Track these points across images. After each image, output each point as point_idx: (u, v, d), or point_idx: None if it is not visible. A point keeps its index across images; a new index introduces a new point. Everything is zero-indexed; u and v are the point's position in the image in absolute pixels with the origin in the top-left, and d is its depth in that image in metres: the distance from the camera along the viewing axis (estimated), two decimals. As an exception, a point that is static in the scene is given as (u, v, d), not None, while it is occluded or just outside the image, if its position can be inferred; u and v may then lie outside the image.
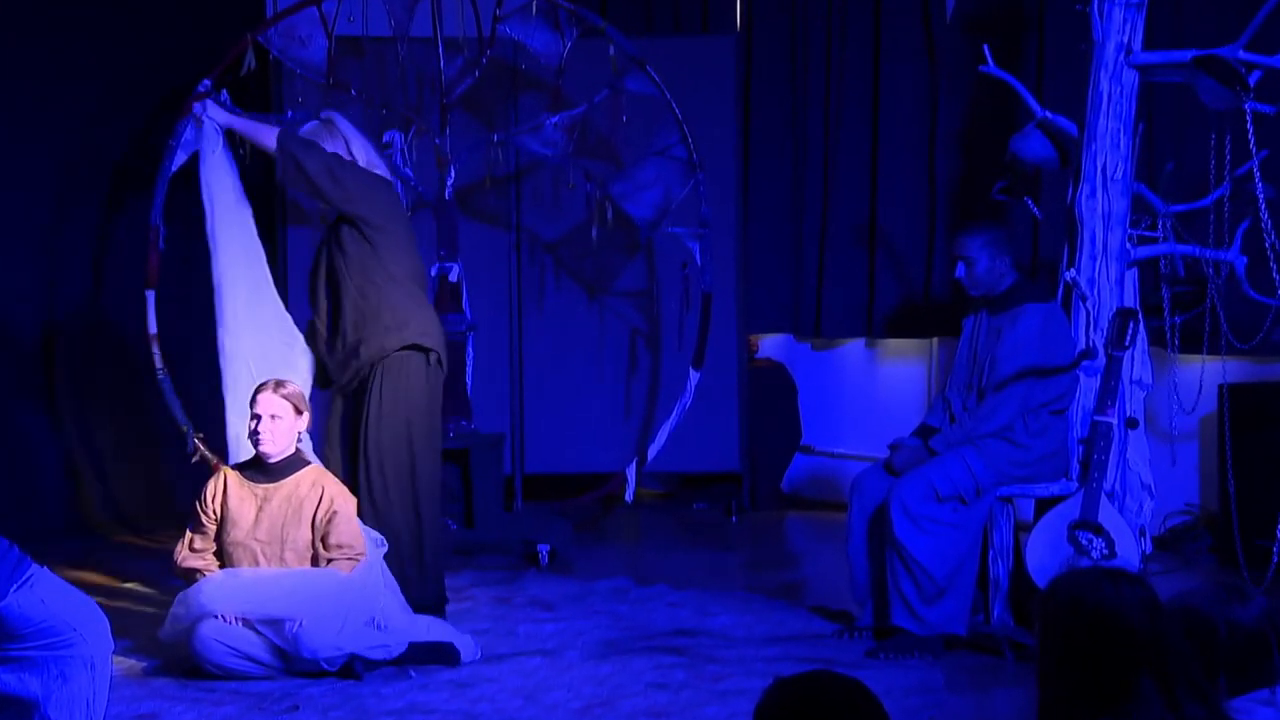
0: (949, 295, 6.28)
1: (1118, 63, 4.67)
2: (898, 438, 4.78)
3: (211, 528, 4.33)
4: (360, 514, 4.44)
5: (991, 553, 4.58)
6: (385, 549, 4.40)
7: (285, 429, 4.30)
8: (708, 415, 6.55)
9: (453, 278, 5.88)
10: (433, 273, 5.85)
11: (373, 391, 4.59)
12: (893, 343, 6.86)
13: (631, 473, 6.07)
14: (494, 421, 6.46)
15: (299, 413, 4.34)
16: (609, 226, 6.09)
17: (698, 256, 6.10)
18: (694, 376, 6.10)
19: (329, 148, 4.61)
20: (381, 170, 4.73)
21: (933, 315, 6.53)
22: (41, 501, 6.30)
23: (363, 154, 4.63)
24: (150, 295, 5.48)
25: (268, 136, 4.42)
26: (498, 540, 5.81)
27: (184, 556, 4.32)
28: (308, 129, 4.57)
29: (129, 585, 5.33)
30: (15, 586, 2.78)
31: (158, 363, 5.48)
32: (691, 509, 7.04)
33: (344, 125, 4.62)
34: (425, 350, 4.65)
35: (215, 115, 4.50)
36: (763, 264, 6.99)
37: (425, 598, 4.65)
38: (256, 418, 4.28)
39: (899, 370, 6.87)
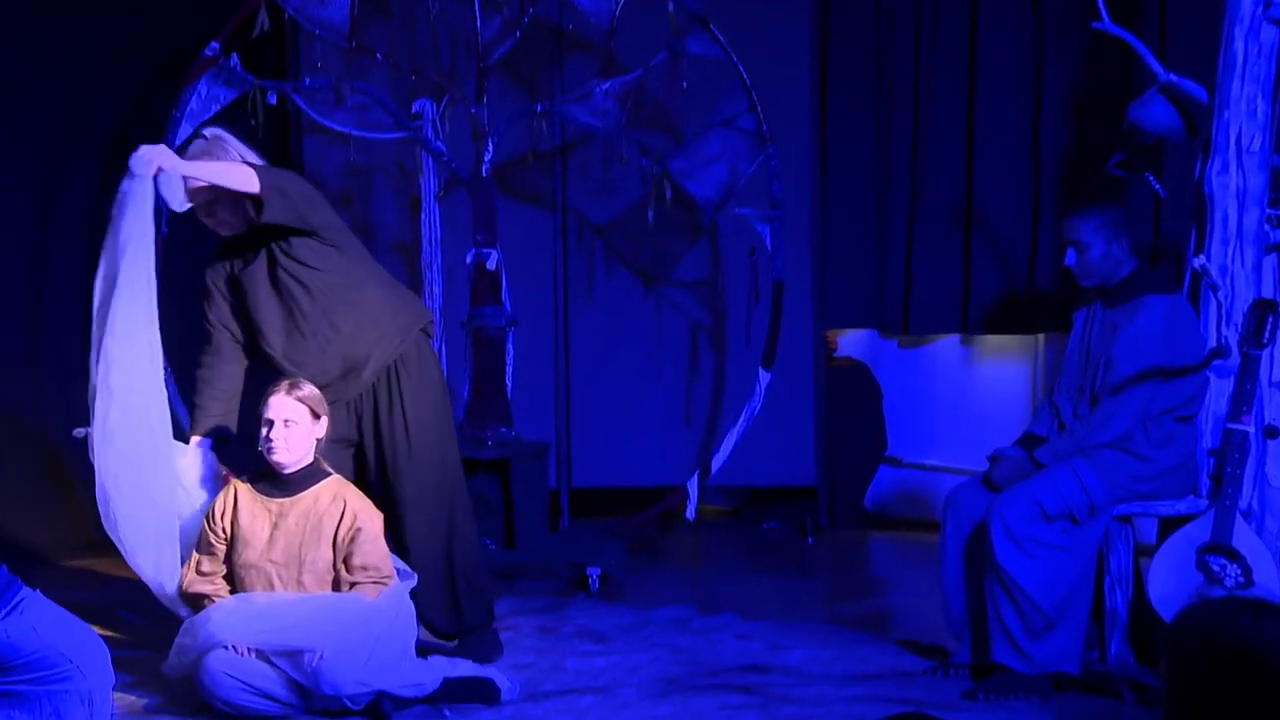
0: (1057, 285, 6.24)
1: (1255, 17, 4.61)
2: (998, 448, 4.75)
3: (221, 548, 4.34)
4: (390, 535, 4.45)
5: (1108, 580, 4.56)
6: (414, 582, 4.41)
7: (301, 436, 4.30)
8: (780, 422, 6.53)
9: (490, 266, 5.91)
10: (468, 260, 5.94)
11: (392, 393, 4.58)
12: (992, 339, 6.85)
13: (693, 487, 6.10)
14: (537, 429, 6.49)
15: (316, 417, 4.34)
16: (667, 207, 6.09)
17: (768, 241, 6.11)
18: (764, 377, 6.11)
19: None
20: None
21: (1038, 308, 6.51)
22: (30, 517, 6.33)
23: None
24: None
25: (245, 179, 4.38)
26: (542, 562, 5.84)
27: (190, 581, 4.34)
28: (194, 149, 4.56)
29: (125, 614, 5.36)
30: (4, 612, 2.84)
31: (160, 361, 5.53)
32: (761, 528, 7.03)
33: (233, 142, 4.53)
34: (426, 330, 4.71)
35: (167, 163, 4.38)
36: (842, 250, 6.97)
37: (478, 619, 4.71)
38: (268, 424, 4.30)
39: (999, 371, 6.85)
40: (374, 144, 6.10)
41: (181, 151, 4.64)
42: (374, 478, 4.62)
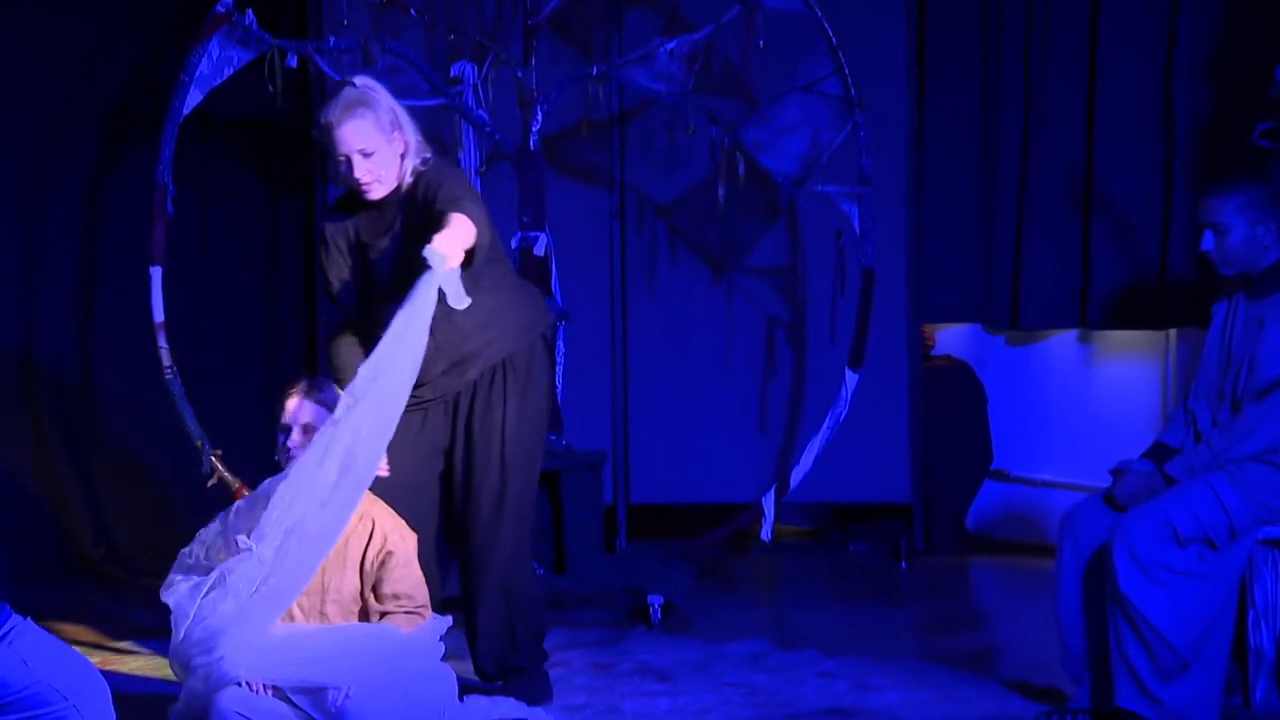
0: (1193, 274, 6.24)
1: None
2: (1123, 460, 4.72)
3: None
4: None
5: (1251, 614, 4.52)
6: (450, 621, 4.39)
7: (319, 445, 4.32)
8: (869, 430, 6.56)
9: (538, 251, 5.93)
10: (514, 245, 5.93)
11: (493, 392, 4.67)
12: (1116, 335, 6.81)
13: (769, 504, 6.04)
14: (591, 437, 6.52)
15: (334, 422, 4.35)
16: (740, 184, 6.08)
17: (856, 223, 6.07)
18: (851, 379, 6.08)
19: (381, 134, 4.62)
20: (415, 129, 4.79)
21: (1170, 300, 6.48)
22: (21, 537, 6.41)
23: (413, 132, 4.69)
24: (156, 274, 5.58)
25: (471, 231, 4.37)
26: (597, 589, 5.87)
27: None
28: (347, 98, 4.59)
29: (126, 644, 5.42)
30: (-10, 643, 2.87)
31: (165, 359, 5.56)
32: (848, 551, 7.05)
33: (384, 93, 4.61)
34: (545, 333, 4.86)
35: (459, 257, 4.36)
36: (941, 232, 6.96)
37: (530, 659, 4.75)
38: (285, 429, 4.29)
39: (1124, 372, 6.80)
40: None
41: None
42: (458, 491, 4.69)
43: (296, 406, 4.30)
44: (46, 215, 6.56)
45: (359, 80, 4.64)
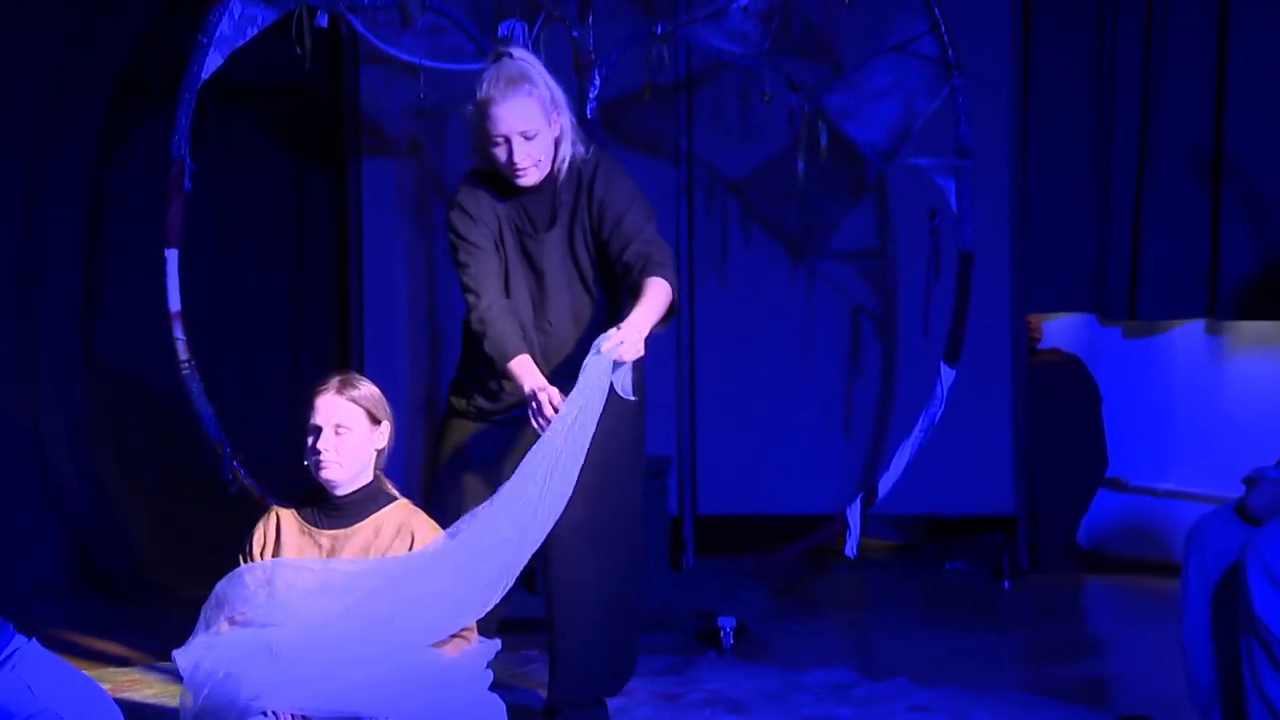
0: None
1: None
2: (1257, 468, 4.61)
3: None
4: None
5: (1404, 642, 4.65)
6: (499, 645, 4.40)
7: (356, 446, 4.28)
8: (967, 433, 6.58)
9: None
10: None
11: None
12: (1248, 327, 6.81)
13: (855, 516, 6.01)
14: (654, 440, 6.27)
15: (375, 422, 4.32)
16: (822, 157, 6.03)
17: (953, 200, 6.03)
18: (947, 376, 6.02)
19: (544, 114, 4.63)
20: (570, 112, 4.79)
21: (1311, 286, 6.60)
22: (28, 551, 6.48)
23: (570, 115, 4.68)
24: (172, 257, 5.61)
25: (658, 301, 4.45)
26: (662, 611, 5.84)
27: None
28: (508, 71, 4.58)
29: (140, 669, 5.45)
30: (-6, 666, 2.89)
31: (181, 353, 5.58)
32: (943, 570, 7.07)
33: (545, 72, 4.67)
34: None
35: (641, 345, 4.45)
36: (1050, 210, 6.95)
37: (595, 692, 4.79)
38: (315, 431, 4.29)
39: (1258, 368, 6.80)
40: (449, 76, 6.06)
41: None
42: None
43: (328, 405, 4.29)
44: (46, 196, 6.59)
45: (516, 52, 4.64)
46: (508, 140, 4.48)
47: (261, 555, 4.33)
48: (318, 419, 4.29)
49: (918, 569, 7.06)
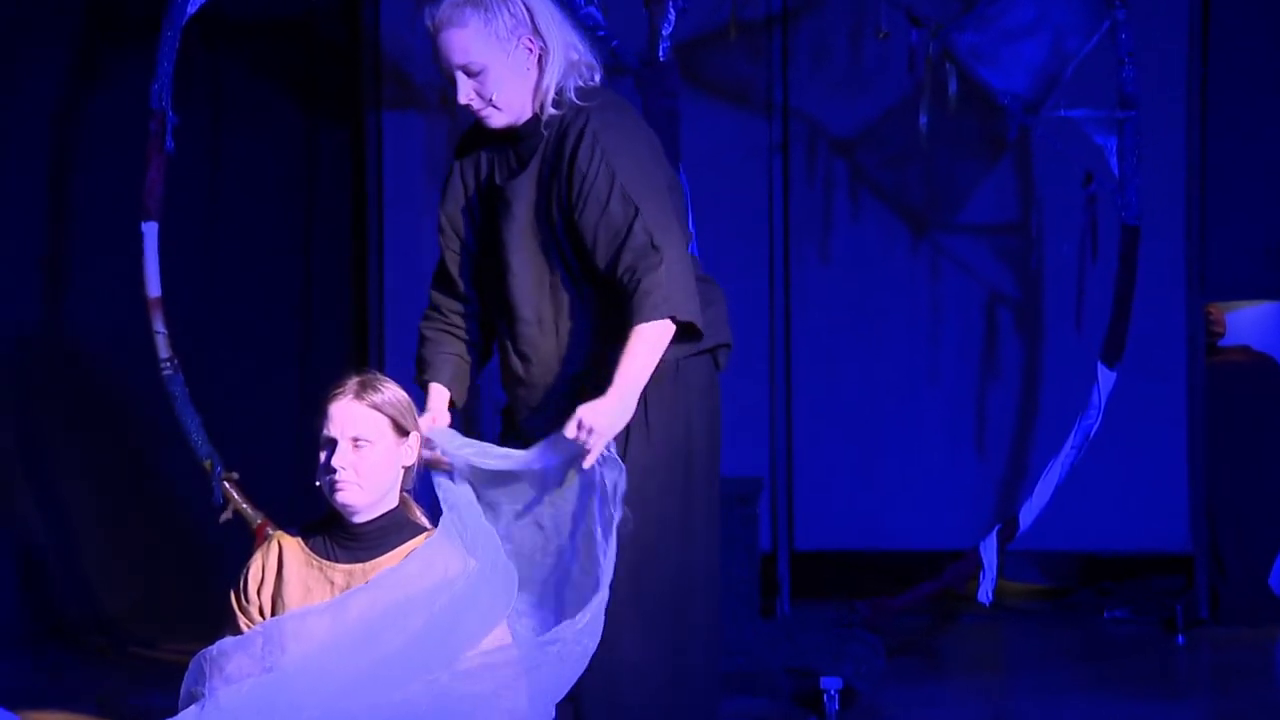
0: None
1: None
2: None
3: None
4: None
5: None
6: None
7: (379, 463, 4.24)
8: (1132, 450, 6.67)
9: None
10: None
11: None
12: None
13: (989, 552, 6.05)
14: (741, 457, 6.50)
15: (402, 433, 4.29)
16: (950, 108, 6.09)
17: (1114, 161, 6.08)
18: (1106, 379, 6.10)
19: (494, 44, 4.67)
20: (584, 51, 4.73)
21: None
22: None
23: (562, 39, 4.71)
24: (150, 232, 5.64)
25: (665, 333, 4.38)
26: (751, 669, 5.89)
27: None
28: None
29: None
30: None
31: (162, 349, 5.63)
32: (1102, 619, 7.05)
33: None
34: (713, 350, 4.70)
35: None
36: (1234, 174, 6.96)
37: None
38: (329, 444, 4.25)
39: None
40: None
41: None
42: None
43: (344, 412, 4.25)
44: (4, 143, 6.67)
45: None
46: (452, 76, 4.47)
47: (258, 594, 4.32)
48: (332, 430, 4.24)
49: (1069, 619, 7.08)
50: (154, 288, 5.73)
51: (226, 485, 5.68)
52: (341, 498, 4.25)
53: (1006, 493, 6.71)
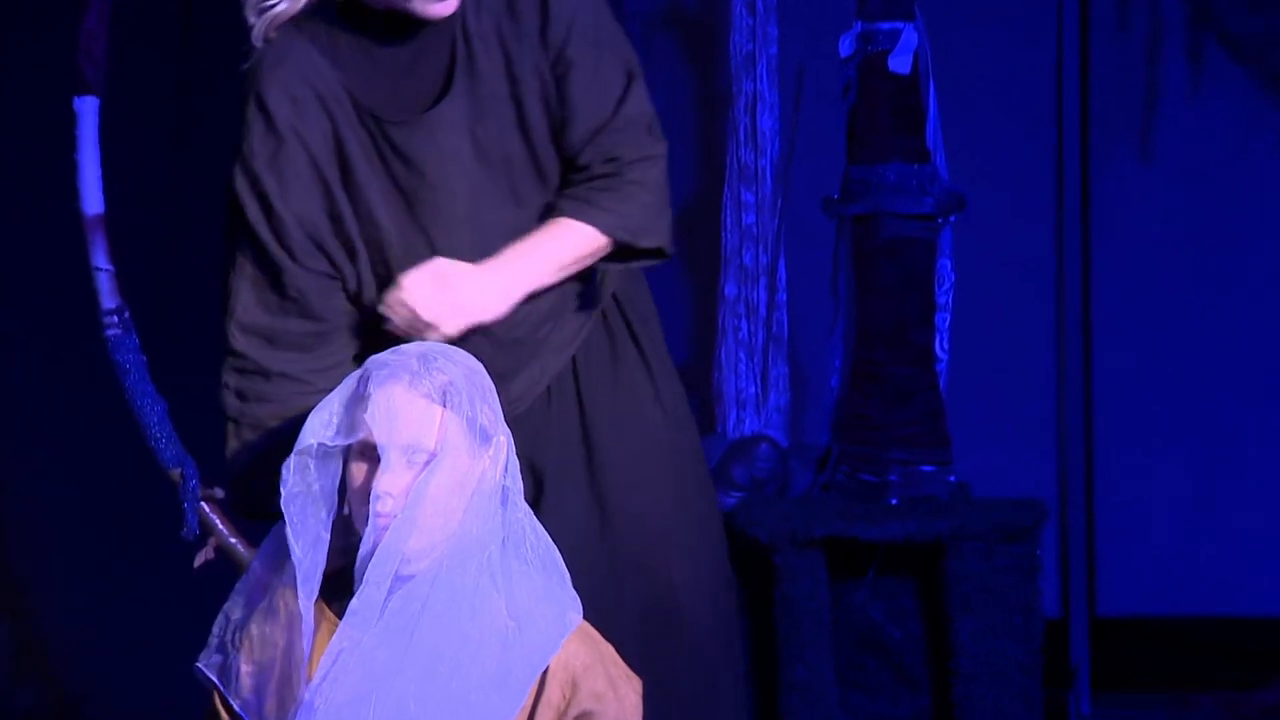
0: None
1: None
2: None
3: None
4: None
5: None
6: None
7: (449, 491, 4.41)
8: None
9: (900, 66, 6.62)
10: (845, 51, 6.50)
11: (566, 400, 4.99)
12: None
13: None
14: (1011, 475, 6.81)
15: (481, 440, 4.44)
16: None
17: None
18: None
19: None
20: None
21: None
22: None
23: None
24: (86, 109, 5.57)
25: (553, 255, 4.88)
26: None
27: None
28: None
29: None
30: None
31: (106, 297, 5.59)
32: None
33: None
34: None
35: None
36: None
37: None
38: (367, 456, 4.47)
39: None
40: None
41: None
42: None
43: (394, 406, 4.55)
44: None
45: None
46: None
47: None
48: (376, 434, 4.32)
49: None
50: (93, 203, 5.52)
51: (205, 508, 5.46)
52: (391, 541, 4.44)
53: None
